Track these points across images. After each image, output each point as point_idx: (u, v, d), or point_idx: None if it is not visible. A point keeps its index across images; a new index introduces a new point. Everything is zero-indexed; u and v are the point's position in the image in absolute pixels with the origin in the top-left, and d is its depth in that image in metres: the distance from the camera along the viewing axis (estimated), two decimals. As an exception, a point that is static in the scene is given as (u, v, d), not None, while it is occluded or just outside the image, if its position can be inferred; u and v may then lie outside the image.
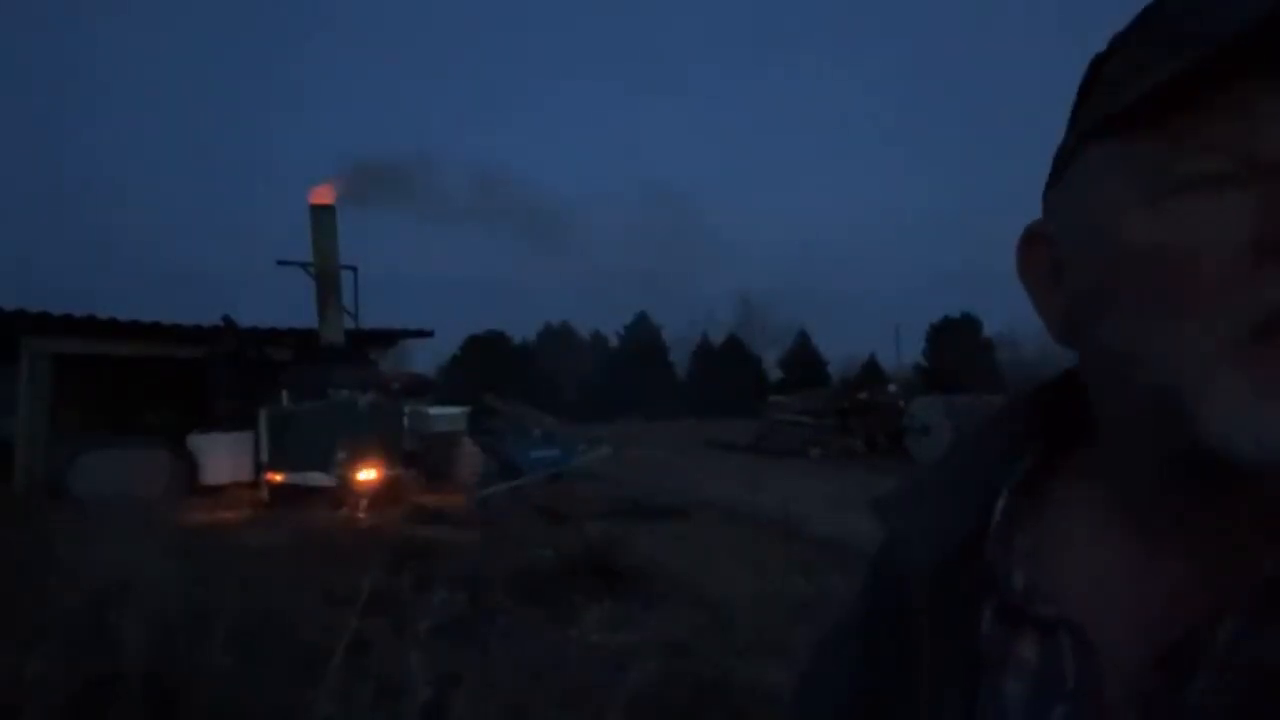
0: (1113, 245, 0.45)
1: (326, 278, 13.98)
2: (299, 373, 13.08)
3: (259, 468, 12.62)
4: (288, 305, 16.08)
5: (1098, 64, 0.49)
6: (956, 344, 46.76)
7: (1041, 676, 0.47)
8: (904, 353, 50.43)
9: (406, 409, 13.97)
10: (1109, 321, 0.45)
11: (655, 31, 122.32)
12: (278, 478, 12.00)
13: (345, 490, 11.47)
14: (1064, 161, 0.50)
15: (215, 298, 34.01)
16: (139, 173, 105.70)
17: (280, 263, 14.68)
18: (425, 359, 43.16)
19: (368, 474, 11.83)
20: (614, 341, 55.51)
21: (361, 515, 10.54)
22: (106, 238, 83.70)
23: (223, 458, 13.06)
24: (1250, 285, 0.39)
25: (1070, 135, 0.50)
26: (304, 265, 14.28)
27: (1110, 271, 0.45)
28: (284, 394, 12.78)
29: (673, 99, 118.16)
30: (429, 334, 19.40)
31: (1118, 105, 0.44)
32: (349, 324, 14.65)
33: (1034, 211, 0.54)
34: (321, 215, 14.10)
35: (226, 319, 14.45)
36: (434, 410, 15.92)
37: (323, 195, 14.32)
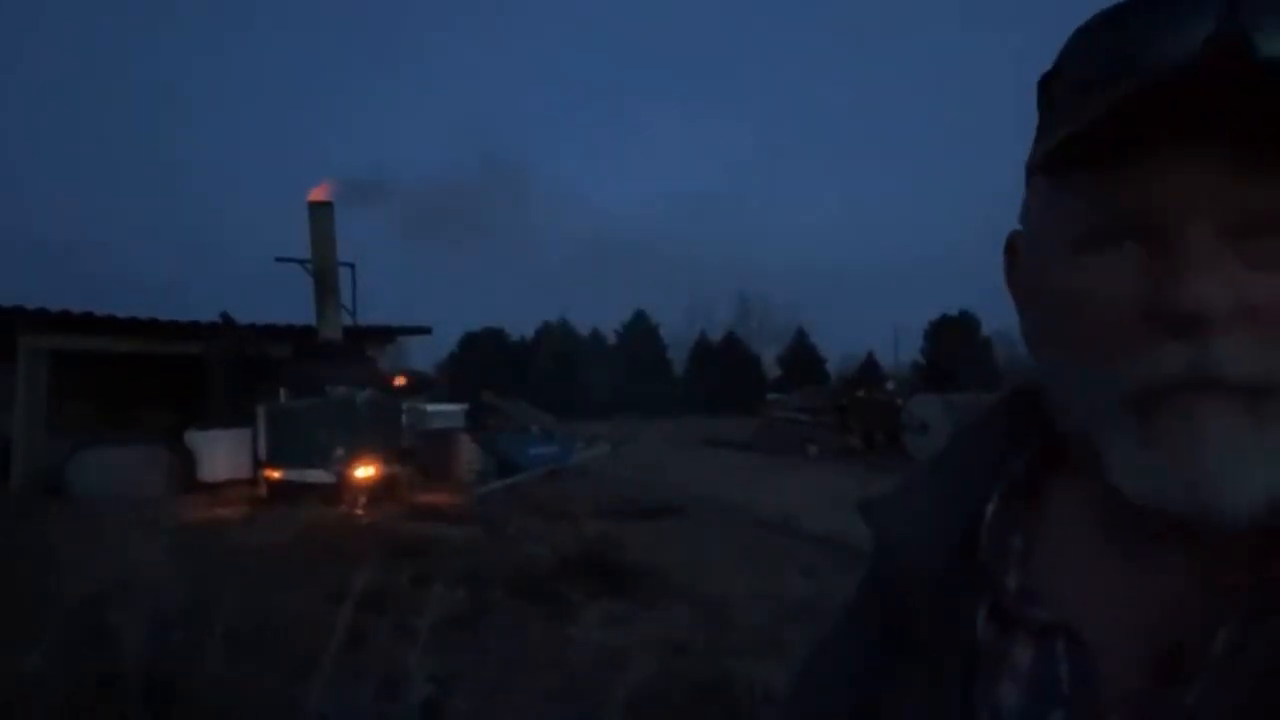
0: (1044, 287, 0.47)
1: (324, 275, 13.94)
2: (297, 369, 13.04)
3: (257, 464, 12.59)
4: (286, 302, 16.13)
5: (1046, 83, 0.49)
6: (955, 342, 46.75)
7: (1036, 680, 0.46)
8: (902, 351, 50.55)
9: (404, 406, 13.96)
10: (1043, 355, 0.48)
11: (651, 30, 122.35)
12: (276, 474, 11.97)
13: (343, 487, 11.45)
14: (1028, 177, 0.51)
15: (213, 295, 34.00)
16: (138, 171, 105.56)
17: (278, 259, 14.64)
18: (423, 356, 43.12)
19: (366, 471, 11.81)
20: (612, 339, 55.44)
21: (359, 512, 10.53)
22: (105, 236, 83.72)
23: (221, 454, 13.02)
24: (1143, 349, 0.41)
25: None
26: (302, 262, 14.24)
27: (1043, 311, 0.47)
28: (282, 391, 12.74)
29: (673, 100, 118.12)
30: (427, 331, 19.37)
31: (1042, 150, 0.44)
32: (347, 321, 14.60)
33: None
34: (319, 212, 14.07)
35: (224, 316, 14.42)
36: (432, 407, 15.91)
37: (321, 193, 14.29)
